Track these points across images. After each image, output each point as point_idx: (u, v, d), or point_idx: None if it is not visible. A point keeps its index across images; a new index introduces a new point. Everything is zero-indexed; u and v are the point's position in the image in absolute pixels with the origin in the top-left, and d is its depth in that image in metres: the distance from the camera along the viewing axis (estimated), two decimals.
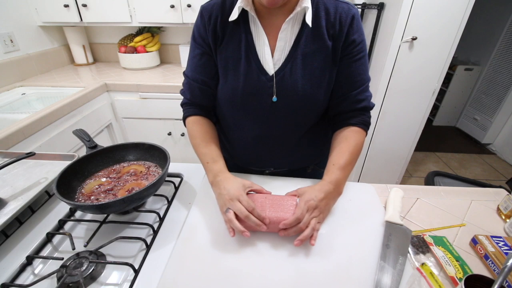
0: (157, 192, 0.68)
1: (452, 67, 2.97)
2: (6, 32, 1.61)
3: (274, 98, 0.68)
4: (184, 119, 0.79)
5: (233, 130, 0.79)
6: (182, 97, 0.80)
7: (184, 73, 0.77)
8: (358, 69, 0.69)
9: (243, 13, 0.65)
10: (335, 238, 0.60)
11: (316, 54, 0.65)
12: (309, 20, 0.62)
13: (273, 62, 0.66)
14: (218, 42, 0.68)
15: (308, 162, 0.88)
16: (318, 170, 0.90)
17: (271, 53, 0.66)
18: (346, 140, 0.71)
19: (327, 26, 0.64)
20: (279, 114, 0.70)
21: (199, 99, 0.76)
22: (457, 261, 0.55)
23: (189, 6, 1.69)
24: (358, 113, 0.73)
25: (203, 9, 0.69)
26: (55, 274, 0.51)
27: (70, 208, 0.68)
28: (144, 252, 0.57)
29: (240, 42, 0.66)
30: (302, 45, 0.65)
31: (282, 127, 0.74)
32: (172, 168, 0.82)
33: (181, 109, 0.80)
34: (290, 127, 0.74)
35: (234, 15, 0.64)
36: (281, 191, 0.68)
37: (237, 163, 0.87)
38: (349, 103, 0.72)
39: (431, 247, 0.58)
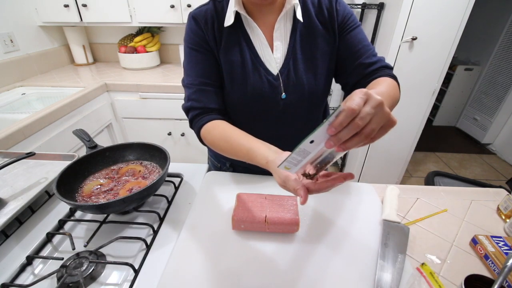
0: (157, 192, 0.68)
1: (452, 67, 2.97)
2: (6, 32, 1.61)
3: (284, 95, 0.69)
4: (198, 134, 0.70)
5: None
6: (182, 99, 0.73)
7: (185, 84, 0.70)
8: (356, 37, 0.68)
9: (236, 16, 0.65)
10: (335, 238, 0.60)
11: (314, 45, 0.68)
12: (299, 16, 0.64)
13: (275, 61, 0.68)
14: (218, 47, 0.67)
15: None
16: None
17: (271, 52, 0.67)
18: (376, 83, 0.63)
19: (317, 16, 0.67)
20: (289, 111, 0.72)
21: (214, 102, 0.69)
22: None
23: (189, 6, 1.68)
24: (378, 71, 0.67)
25: (196, 15, 0.66)
26: (55, 274, 0.51)
27: (70, 208, 0.68)
28: (144, 252, 0.57)
29: (240, 46, 0.67)
30: (298, 39, 0.67)
31: (291, 126, 0.75)
32: (172, 168, 0.82)
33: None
34: (299, 126, 0.75)
35: (230, 20, 0.63)
36: (281, 191, 0.67)
37: (247, 166, 0.77)
38: (362, 69, 0.67)
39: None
